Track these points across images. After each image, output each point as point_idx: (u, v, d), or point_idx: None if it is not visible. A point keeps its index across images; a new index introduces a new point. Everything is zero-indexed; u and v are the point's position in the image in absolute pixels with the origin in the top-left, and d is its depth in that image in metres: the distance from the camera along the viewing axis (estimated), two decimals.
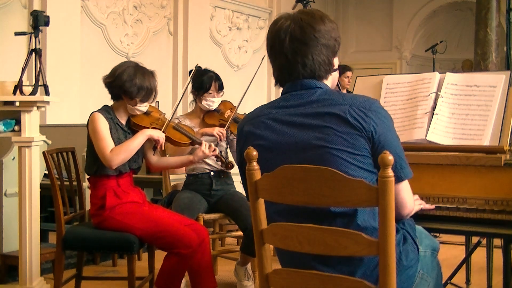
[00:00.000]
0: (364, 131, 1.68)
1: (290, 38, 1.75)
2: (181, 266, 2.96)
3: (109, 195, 3.03)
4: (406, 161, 1.78)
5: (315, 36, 1.75)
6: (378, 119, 1.70)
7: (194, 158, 3.33)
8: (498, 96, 2.34)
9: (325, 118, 1.71)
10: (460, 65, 11.66)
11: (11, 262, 3.72)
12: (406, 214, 1.83)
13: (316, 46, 1.75)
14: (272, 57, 1.84)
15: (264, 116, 1.82)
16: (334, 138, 1.69)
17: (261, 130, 1.80)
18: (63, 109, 6.19)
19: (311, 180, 1.60)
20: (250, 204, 1.73)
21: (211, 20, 8.64)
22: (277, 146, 1.77)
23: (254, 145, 1.75)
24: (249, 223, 3.36)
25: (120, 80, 3.06)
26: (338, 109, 1.70)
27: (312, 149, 1.70)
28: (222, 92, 3.71)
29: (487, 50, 7.84)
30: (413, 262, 1.80)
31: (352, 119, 1.68)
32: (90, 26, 6.99)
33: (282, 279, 1.71)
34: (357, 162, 1.68)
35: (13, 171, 3.63)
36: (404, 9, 11.23)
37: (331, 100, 1.74)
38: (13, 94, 3.27)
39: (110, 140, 2.99)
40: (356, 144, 1.68)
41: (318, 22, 1.76)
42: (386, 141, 1.71)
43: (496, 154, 2.21)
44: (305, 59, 1.76)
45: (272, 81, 6.51)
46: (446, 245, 4.24)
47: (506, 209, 2.13)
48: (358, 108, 1.70)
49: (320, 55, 1.77)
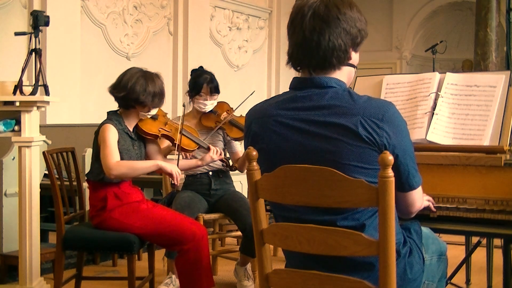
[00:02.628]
0: (376, 145, 1.62)
1: (312, 14, 1.66)
2: (190, 261, 2.97)
3: (110, 197, 3.04)
4: (417, 168, 1.75)
5: (338, 18, 1.66)
6: (391, 130, 1.63)
7: (202, 162, 3.43)
8: (498, 96, 2.34)
9: (336, 130, 1.63)
10: (460, 65, 11.66)
11: (11, 262, 3.72)
12: (414, 211, 1.83)
13: (336, 28, 1.66)
14: (290, 32, 1.74)
15: (272, 117, 1.74)
16: (345, 152, 1.62)
17: (268, 134, 1.74)
18: (63, 109, 6.19)
19: (311, 180, 1.59)
20: (250, 204, 1.73)
21: (211, 20, 8.64)
22: (285, 153, 1.70)
23: (261, 149, 1.72)
24: (248, 223, 3.37)
25: (135, 93, 3.05)
26: (349, 122, 1.62)
27: (323, 163, 1.62)
28: (216, 95, 3.71)
29: (487, 50, 7.84)
30: (417, 274, 1.78)
31: (364, 133, 1.61)
32: (90, 26, 6.99)
33: (282, 279, 1.71)
34: (369, 178, 1.60)
35: (13, 171, 3.63)
36: (404, 9, 11.23)
37: (342, 108, 1.64)
38: (13, 94, 3.26)
39: (116, 152, 3.00)
40: (368, 159, 1.62)
41: (346, 6, 1.68)
42: (399, 151, 1.66)
43: (496, 154, 2.21)
44: (321, 37, 1.66)
45: (272, 81, 6.55)
46: (446, 245, 4.24)
47: (506, 209, 2.13)
48: (370, 119, 1.61)
49: (337, 38, 1.66)
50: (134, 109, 3.12)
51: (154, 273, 3.30)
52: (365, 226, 1.66)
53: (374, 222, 1.65)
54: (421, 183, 1.78)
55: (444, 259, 1.93)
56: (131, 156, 3.08)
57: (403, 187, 1.73)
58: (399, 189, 1.71)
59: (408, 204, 1.79)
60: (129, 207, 3.05)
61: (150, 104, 3.10)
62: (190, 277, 3.01)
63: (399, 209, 1.78)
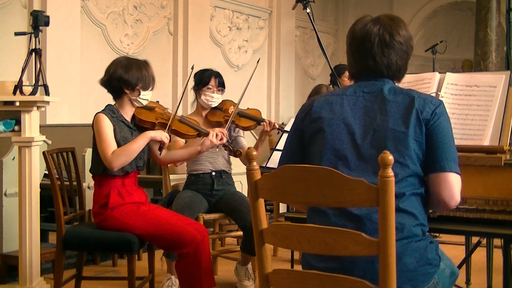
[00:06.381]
0: (424, 120, 1.81)
1: (379, 42, 1.91)
2: (189, 264, 2.96)
3: (113, 194, 3.03)
4: (456, 159, 1.84)
5: (401, 43, 1.92)
6: (441, 114, 1.84)
7: (202, 147, 3.33)
8: (498, 96, 2.34)
9: (396, 106, 1.84)
10: (460, 65, 11.67)
11: (11, 262, 3.72)
12: (453, 205, 1.87)
13: (400, 51, 1.93)
14: (356, 56, 1.96)
15: (339, 95, 1.94)
16: (397, 122, 1.81)
17: (334, 106, 1.91)
18: (63, 109, 6.20)
19: (311, 180, 1.60)
20: (250, 204, 1.73)
21: (211, 20, 8.64)
22: (344, 124, 1.86)
23: (320, 117, 1.90)
24: (248, 221, 3.36)
25: (117, 73, 3.09)
26: (407, 95, 1.86)
27: (383, 140, 1.80)
28: (223, 90, 3.72)
29: (487, 50, 7.86)
30: (435, 263, 1.81)
31: (419, 106, 1.82)
32: (90, 26, 7.00)
33: (282, 279, 1.71)
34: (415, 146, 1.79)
35: (13, 171, 3.63)
36: (404, 9, 11.23)
37: (400, 90, 1.90)
38: (13, 94, 3.26)
39: (113, 142, 3.00)
40: (414, 129, 1.80)
41: (402, 28, 1.94)
42: (440, 131, 1.82)
43: (496, 154, 2.21)
44: (390, 62, 1.92)
45: (272, 81, 6.53)
46: (446, 245, 4.25)
47: (506, 209, 2.13)
48: (426, 100, 1.85)
49: (401, 60, 1.94)
50: (124, 93, 3.12)
51: (154, 273, 3.30)
52: (405, 195, 1.77)
53: (412, 197, 1.79)
54: (454, 170, 1.84)
55: (454, 279, 1.93)
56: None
57: (440, 166, 1.82)
58: (436, 168, 1.82)
59: (445, 190, 1.83)
60: (130, 207, 3.05)
61: (136, 84, 3.10)
62: (190, 280, 3.01)
63: (434, 200, 1.86)
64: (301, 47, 10.62)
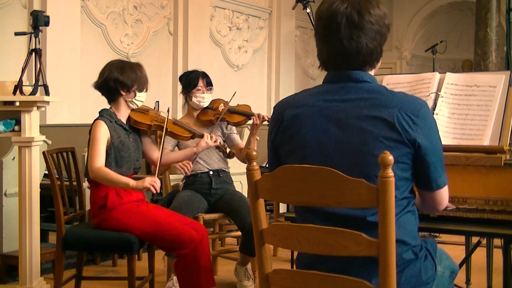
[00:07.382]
0: (408, 139, 1.65)
1: (346, 23, 1.68)
2: (188, 264, 2.97)
3: (111, 195, 3.03)
4: (444, 169, 1.78)
5: (371, 22, 1.69)
6: (424, 127, 1.67)
7: (197, 148, 3.39)
8: (498, 96, 2.34)
9: (373, 122, 1.66)
10: (460, 65, 11.67)
11: (11, 262, 3.72)
12: (441, 209, 1.86)
13: (371, 32, 1.70)
14: (323, 40, 1.75)
15: (310, 107, 1.74)
16: (376, 144, 1.64)
17: (306, 124, 1.73)
18: (63, 109, 6.20)
19: (311, 180, 1.59)
20: (250, 204, 1.72)
21: (211, 20, 8.64)
22: (318, 144, 1.71)
23: (292, 138, 1.74)
24: (247, 223, 3.37)
25: (113, 75, 3.10)
26: (387, 114, 1.65)
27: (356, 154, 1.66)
28: (211, 89, 3.74)
29: (487, 50, 7.86)
30: (430, 280, 1.79)
31: (399, 126, 1.64)
32: (90, 26, 7.00)
33: (282, 279, 1.71)
34: (397, 170, 1.61)
35: (13, 171, 3.63)
36: (404, 9, 11.24)
37: (380, 100, 1.68)
38: (13, 94, 3.27)
39: (102, 154, 2.99)
40: (397, 153, 1.63)
41: (374, 6, 1.70)
42: (428, 150, 1.69)
43: (496, 154, 2.21)
44: (359, 45, 1.69)
45: (272, 81, 6.53)
46: (446, 245, 4.24)
47: (506, 209, 2.13)
48: (407, 113, 1.65)
49: (373, 41, 1.71)
50: (120, 95, 3.13)
51: (154, 273, 3.30)
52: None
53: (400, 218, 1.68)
54: (447, 182, 1.81)
55: (454, 278, 1.93)
56: (129, 147, 3.09)
57: (430, 186, 1.76)
58: (427, 188, 1.77)
59: (436, 203, 1.82)
60: (129, 207, 3.05)
61: (132, 85, 3.11)
62: (189, 280, 3.01)
63: (427, 207, 1.85)
64: (301, 47, 10.62)
